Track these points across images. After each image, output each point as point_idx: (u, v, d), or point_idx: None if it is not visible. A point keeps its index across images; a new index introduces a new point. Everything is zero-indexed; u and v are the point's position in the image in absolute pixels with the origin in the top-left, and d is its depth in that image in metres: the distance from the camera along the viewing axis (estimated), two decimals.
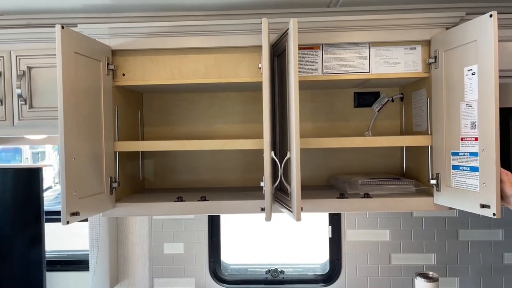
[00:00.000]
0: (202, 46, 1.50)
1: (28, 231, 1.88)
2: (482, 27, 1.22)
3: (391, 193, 1.54)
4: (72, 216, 1.23)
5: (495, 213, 1.18)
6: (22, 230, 1.88)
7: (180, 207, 1.48)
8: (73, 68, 1.25)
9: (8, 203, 1.88)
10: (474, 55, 1.25)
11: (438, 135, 1.43)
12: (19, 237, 1.88)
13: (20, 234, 1.88)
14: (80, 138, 1.29)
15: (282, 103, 1.40)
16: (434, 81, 1.45)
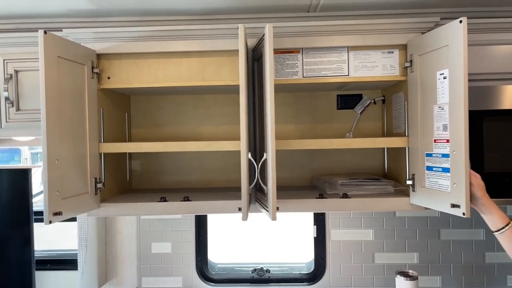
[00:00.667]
0: (185, 50, 1.53)
1: (17, 231, 1.91)
2: (452, 33, 1.25)
3: (369, 193, 1.58)
4: (55, 216, 1.26)
5: (465, 213, 1.22)
6: (11, 230, 1.91)
7: (163, 207, 1.51)
8: (55, 71, 1.29)
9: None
10: (446, 60, 1.29)
11: (414, 137, 1.47)
12: (8, 237, 1.91)
13: (9, 234, 1.91)
14: (63, 139, 1.32)
15: (261, 106, 1.43)
16: (410, 85, 1.49)
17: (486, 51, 1.56)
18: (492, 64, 1.57)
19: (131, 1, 1.55)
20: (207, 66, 1.56)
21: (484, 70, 1.55)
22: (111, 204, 1.54)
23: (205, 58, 1.56)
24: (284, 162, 1.91)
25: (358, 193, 1.57)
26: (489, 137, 1.49)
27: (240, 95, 1.28)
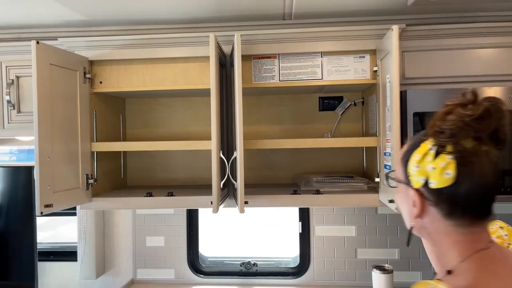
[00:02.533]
0: (169, 56, 1.66)
1: (21, 225, 2.06)
2: (390, 40, 1.36)
3: (342, 190, 1.67)
4: (46, 208, 1.40)
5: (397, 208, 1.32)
6: (16, 224, 2.07)
7: (149, 201, 1.64)
8: (48, 77, 1.43)
9: (4, 198, 2.07)
10: (391, 64, 1.38)
11: (380, 137, 1.56)
12: (13, 230, 2.07)
13: (14, 227, 2.07)
14: (55, 139, 1.46)
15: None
16: (377, 87, 1.58)
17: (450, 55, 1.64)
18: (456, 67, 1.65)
19: (120, 12, 1.68)
20: (190, 71, 1.68)
21: (450, 73, 1.63)
22: (102, 198, 1.67)
23: (188, 63, 1.68)
24: (268, 161, 2.01)
25: (331, 190, 1.66)
26: None
27: (211, 98, 1.39)
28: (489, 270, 0.71)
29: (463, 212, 0.73)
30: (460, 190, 0.71)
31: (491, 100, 0.70)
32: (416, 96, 1.58)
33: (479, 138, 0.70)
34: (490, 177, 0.72)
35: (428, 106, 1.57)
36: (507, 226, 0.87)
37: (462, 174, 0.70)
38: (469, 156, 0.70)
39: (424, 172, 0.74)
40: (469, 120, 0.69)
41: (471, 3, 1.63)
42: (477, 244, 0.73)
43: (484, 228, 0.75)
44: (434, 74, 1.62)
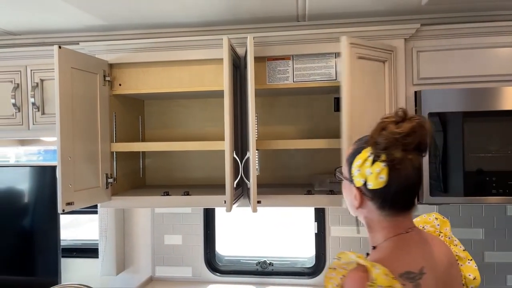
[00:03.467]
0: (185, 58, 1.70)
1: (45, 222, 2.14)
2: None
3: None
4: (68, 206, 1.46)
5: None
6: (40, 221, 2.15)
7: (165, 200, 1.68)
8: (69, 80, 1.49)
9: (32, 197, 2.16)
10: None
11: None
12: (38, 228, 2.15)
13: (39, 225, 2.15)
14: (76, 139, 1.52)
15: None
16: None
17: (466, 54, 1.62)
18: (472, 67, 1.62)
19: (137, 17, 1.74)
20: (206, 72, 1.72)
21: (466, 73, 1.61)
22: (121, 197, 1.73)
23: (204, 65, 1.71)
24: (283, 161, 2.03)
25: None
26: (469, 137, 1.55)
27: (225, 99, 1.42)
28: (402, 248, 0.92)
29: (391, 206, 0.93)
30: (390, 190, 0.91)
31: (416, 119, 0.90)
32: (432, 96, 1.57)
33: (406, 150, 0.89)
34: (413, 178, 0.92)
35: (444, 107, 1.56)
36: (442, 218, 1.07)
37: (392, 177, 0.90)
38: (398, 164, 0.89)
39: (364, 175, 0.93)
40: (399, 136, 0.88)
41: (487, 2, 1.60)
42: (399, 229, 0.94)
43: (406, 217, 0.96)
44: (449, 74, 1.61)
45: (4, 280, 2.16)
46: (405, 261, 0.90)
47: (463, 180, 1.56)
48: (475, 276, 0.99)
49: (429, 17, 1.73)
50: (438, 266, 0.92)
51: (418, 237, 0.95)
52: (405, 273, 0.87)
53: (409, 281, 0.86)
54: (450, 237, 1.02)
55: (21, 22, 1.80)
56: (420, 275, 0.88)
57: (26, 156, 3.78)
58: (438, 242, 0.98)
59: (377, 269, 0.84)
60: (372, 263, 0.85)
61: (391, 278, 0.83)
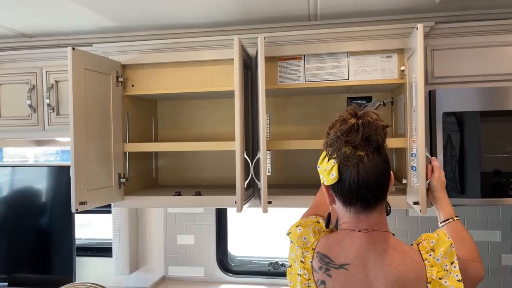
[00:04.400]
0: (197, 59, 1.71)
1: (61, 222, 2.18)
2: (415, 39, 1.33)
3: None
4: (81, 205, 1.48)
5: (421, 210, 1.30)
6: (56, 221, 2.19)
7: (177, 200, 1.69)
8: (83, 82, 1.51)
9: (49, 196, 2.20)
10: (416, 63, 1.35)
11: (408, 138, 1.53)
12: (53, 227, 2.19)
13: (54, 224, 2.19)
14: (89, 140, 1.54)
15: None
16: (405, 87, 1.55)
17: (481, 53, 1.58)
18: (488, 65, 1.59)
19: (149, 18, 1.75)
20: (218, 73, 1.72)
21: (482, 72, 1.57)
22: (133, 197, 1.74)
23: (215, 66, 1.72)
24: (295, 162, 2.01)
25: None
26: (485, 137, 1.51)
27: (235, 99, 1.42)
28: (342, 240, 0.95)
29: (350, 203, 0.95)
30: (345, 185, 0.93)
31: (364, 116, 0.91)
32: (446, 95, 1.54)
33: (355, 146, 0.90)
34: (367, 176, 0.91)
35: (459, 106, 1.53)
36: (445, 237, 0.96)
37: (342, 174, 0.93)
38: (345, 160, 0.92)
39: (322, 171, 0.98)
40: (340, 134, 0.91)
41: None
42: (355, 227, 0.95)
43: (368, 216, 0.95)
44: (464, 73, 1.57)
45: (20, 277, 2.20)
46: (333, 249, 0.96)
47: (479, 181, 1.53)
48: None
49: (443, 15, 1.69)
50: (378, 275, 0.91)
51: (366, 240, 0.94)
52: (323, 254, 0.96)
53: (319, 260, 0.95)
54: (439, 259, 0.93)
55: (36, 25, 1.83)
56: (338, 267, 0.93)
57: (44, 156, 3.86)
58: (403, 256, 0.93)
59: (299, 229, 1.02)
60: (300, 224, 1.04)
61: (311, 247, 0.98)
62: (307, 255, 0.97)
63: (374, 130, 0.90)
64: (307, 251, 0.98)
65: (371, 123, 0.90)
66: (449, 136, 1.53)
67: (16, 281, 2.21)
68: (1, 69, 1.93)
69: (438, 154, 1.55)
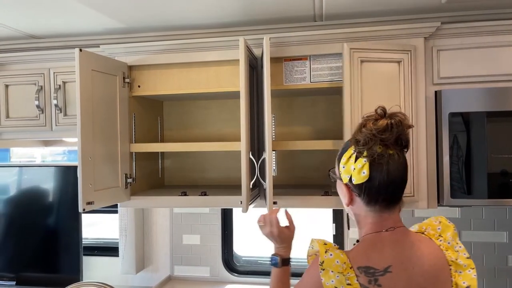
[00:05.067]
0: (202, 60, 1.71)
1: (68, 222, 2.20)
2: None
3: None
4: (88, 205, 1.49)
5: None
6: (65, 220, 2.20)
7: (183, 200, 1.70)
8: (90, 82, 1.52)
9: (56, 196, 2.22)
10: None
11: None
12: (60, 227, 2.21)
13: (62, 224, 2.21)
14: (96, 140, 1.55)
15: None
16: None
17: (488, 53, 1.57)
18: (495, 65, 1.58)
19: (155, 19, 1.76)
20: (223, 73, 1.73)
21: (489, 72, 1.57)
22: (140, 197, 1.75)
23: (221, 67, 1.72)
24: (301, 162, 2.02)
25: None
26: (492, 138, 1.51)
27: (241, 100, 1.43)
28: (375, 245, 0.97)
29: (376, 201, 0.97)
30: (373, 184, 0.95)
31: (393, 116, 0.95)
32: (452, 96, 1.54)
33: (386, 145, 0.94)
34: (396, 173, 0.95)
35: (466, 106, 1.53)
36: (447, 222, 1.05)
37: (374, 172, 0.95)
38: (378, 158, 0.94)
39: (349, 171, 0.98)
40: (376, 132, 0.93)
41: None
42: (380, 227, 0.98)
43: (392, 215, 0.99)
44: (471, 73, 1.57)
45: (28, 276, 2.23)
46: (371, 257, 0.95)
47: (486, 181, 1.52)
48: (469, 284, 0.96)
49: (450, 15, 1.69)
50: (415, 268, 0.94)
51: (395, 238, 0.97)
52: (365, 267, 0.93)
53: (365, 274, 0.92)
54: (449, 242, 1.01)
55: (44, 26, 1.85)
56: (383, 273, 0.92)
57: (51, 156, 3.89)
58: (427, 246, 0.98)
59: (330, 255, 0.95)
60: (328, 249, 0.97)
61: (348, 266, 0.93)
62: (350, 276, 0.93)
63: (404, 130, 0.95)
64: (347, 272, 0.94)
65: (402, 123, 0.95)
66: (456, 136, 1.53)
67: (24, 280, 2.23)
68: (10, 70, 1.95)
69: (444, 155, 1.54)
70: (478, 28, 1.55)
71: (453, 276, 0.97)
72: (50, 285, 2.19)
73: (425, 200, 1.58)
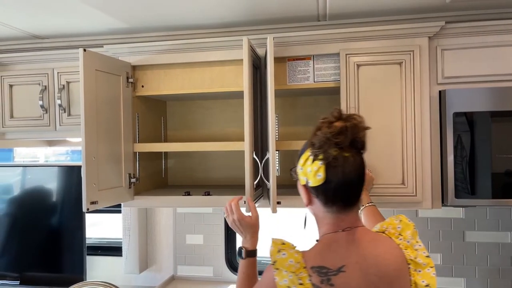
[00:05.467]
0: (206, 60, 1.71)
1: (72, 221, 2.20)
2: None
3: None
4: (92, 205, 1.49)
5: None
6: (69, 220, 2.21)
7: (186, 200, 1.70)
8: (94, 82, 1.52)
9: (59, 196, 2.23)
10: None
11: None
12: (64, 226, 2.21)
13: (65, 224, 2.21)
14: (100, 140, 1.55)
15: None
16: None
17: (493, 53, 1.57)
18: (499, 65, 1.57)
19: (159, 19, 1.76)
20: (226, 74, 1.73)
21: (493, 71, 1.56)
22: (143, 197, 1.76)
23: (224, 67, 1.72)
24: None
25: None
26: (496, 138, 1.50)
27: (244, 100, 1.43)
28: (330, 245, 0.98)
29: (333, 202, 0.98)
30: (330, 186, 0.95)
31: (349, 118, 0.96)
32: (457, 95, 1.53)
33: (341, 148, 0.94)
34: (352, 175, 0.95)
35: (470, 106, 1.52)
36: (407, 221, 1.05)
37: (329, 175, 0.95)
38: (333, 161, 0.94)
39: (306, 173, 0.99)
40: (330, 136, 0.93)
41: None
42: (338, 227, 0.99)
43: (349, 215, 0.99)
44: (475, 73, 1.56)
45: (32, 276, 2.23)
46: (326, 257, 0.96)
47: (490, 181, 1.52)
48: (429, 283, 0.96)
49: (454, 15, 1.68)
50: (371, 267, 0.94)
51: (352, 237, 0.98)
52: (318, 267, 0.94)
53: (318, 274, 0.93)
54: (409, 241, 1.01)
55: (48, 26, 1.86)
56: (336, 272, 0.93)
57: (54, 156, 3.90)
58: (384, 245, 0.99)
59: (283, 254, 0.97)
60: (281, 249, 0.99)
61: (302, 266, 0.95)
62: (302, 275, 0.94)
63: (359, 133, 0.96)
64: (300, 271, 0.95)
65: (357, 126, 0.96)
66: (460, 136, 1.53)
67: (28, 280, 2.24)
68: (14, 70, 1.96)
69: (448, 155, 1.54)
70: (482, 28, 1.54)
71: (412, 275, 0.97)
72: (54, 285, 2.19)
73: (429, 200, 1.57)
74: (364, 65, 1.60)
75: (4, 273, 2.26)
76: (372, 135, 1.60)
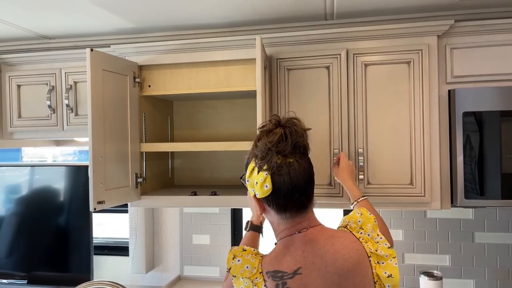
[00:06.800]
0: (212, 59, 1.71)
1: (79, 221, 2.21)
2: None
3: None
4: (99, 204, 1.49)
5: None
6: (76, 219, 2.21)
7: (193, 200, 1.70)
8: (101, 82, 1.52)
9: (67, 195, 2.23)
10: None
11: None
12: (71, 226, 2.22)
13: (73, 224, 2.22)
14: (107, 140, 1.56)
15: None
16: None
17: (503, 51, 1.54)
18: (509, 64, 1.55)
19: (165, 19, 1.76)
20: (233, 73, 1.72)
21: (503, 70, 1.54)
22: (150, 196, 1.76)
23: (230, 66, 1.72)
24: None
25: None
26: (506, 137, 1.48)
27: (257, 99, 1.42)
28: (286, 248, 0.96)
29: (285, 210, 0.97)
30: (279, 195, 0.95)
31: (287, 124, 0.96)
32: (466, 95, 1.51)
33: (284, 155, 0.94)
34: (299, 180, 0.95)
35: (480, 106, 1.50)
36: (368, 214, 1.04)
37: (276, 184, 0.94)
38: (278, 170, 0.94)
39: (253, 185, 0.98)
40: (271, 145, 0.93)
41: None
42: (294, 230, 0.98)
43: (304, 217, 0.99)
44: (484, 72, 1.54)
45: (39, 275, 2.24)
46: (282, 261, 0.95)
47: (500, 182, 1.49)
48: (391, 273, 0.94)
49: (463, 13, 1.66)
50: (329, 266, 0.92)
51: (308, 238, 0.97)
52: (273, 271, 0.94)
53: (273, 279, 0.93)
54: (369, 234, 1.00)
55: (55, 26, 1.86)
56: (292, 275, 0.92)
57: (62, 156, 3.92)
58: (342, 241, 0.97)
59: (238, 261, 0.98)
60: (236, 255, 0.99)
61: (258, 271, 0.95)
62: (257, 281, 0.95)
63: (300, 136, 0.96)
64: (256, 277, 0.95)
65: (297, 130, 0.96)
66: (469, 136, 1.51)
67: (35, 279, 2.25)
68: (21, 71, 1.97)
69: (458, 155, 1.52)
70: (492, 26, 1.52)
71: (374, 268, 0.95)
72: (61, 284, 2.20)
73: (438, 201, 1.56)
74: (371, 65, 1.59)
75: (12, 272, 2.28)
76: (380, 135, 1.59)
